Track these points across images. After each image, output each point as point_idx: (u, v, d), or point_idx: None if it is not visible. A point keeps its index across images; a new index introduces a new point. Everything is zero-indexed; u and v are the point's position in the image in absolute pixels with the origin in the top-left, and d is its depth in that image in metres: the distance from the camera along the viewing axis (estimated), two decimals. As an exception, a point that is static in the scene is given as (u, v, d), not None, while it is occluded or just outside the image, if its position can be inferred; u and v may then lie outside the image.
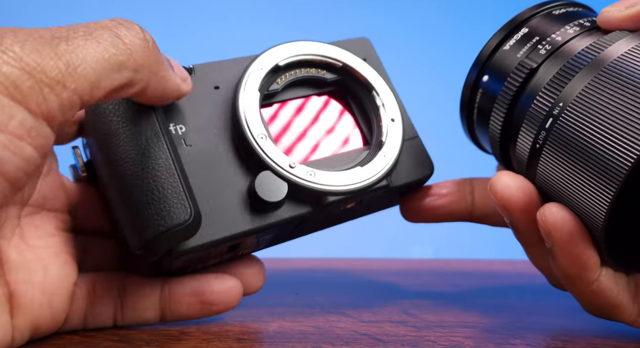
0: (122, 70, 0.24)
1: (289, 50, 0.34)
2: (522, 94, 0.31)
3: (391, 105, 0.36)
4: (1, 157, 0.22)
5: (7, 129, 0.21)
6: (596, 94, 0.26)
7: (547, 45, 0.31)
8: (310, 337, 0.30)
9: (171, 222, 0.27)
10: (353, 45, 0.37)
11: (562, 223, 0.27)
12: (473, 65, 0.34)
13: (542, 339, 0.31)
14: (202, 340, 0.29)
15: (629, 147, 0.24)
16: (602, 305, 0.29)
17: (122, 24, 0.25)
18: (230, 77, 0.33)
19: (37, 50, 0.22)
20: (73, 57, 0.23)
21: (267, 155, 0.31)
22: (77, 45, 0.23)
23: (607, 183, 0.25)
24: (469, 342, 0.30)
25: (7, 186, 0.22)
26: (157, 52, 0.26)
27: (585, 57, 0.28)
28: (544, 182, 0.29)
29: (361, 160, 0.34)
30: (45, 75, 0.22)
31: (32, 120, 0.22)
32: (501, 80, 0.32)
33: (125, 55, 0.24)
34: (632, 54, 0.27)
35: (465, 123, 0.36)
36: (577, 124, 0.27)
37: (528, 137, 0.29)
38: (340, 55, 0.35)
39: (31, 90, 0.22)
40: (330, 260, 0.50)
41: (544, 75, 0.30)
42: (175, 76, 0.28)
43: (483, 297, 0.39)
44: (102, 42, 0.24)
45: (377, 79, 0.36)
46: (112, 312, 0.31)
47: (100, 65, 0.23)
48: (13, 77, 0.21)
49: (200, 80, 0.32)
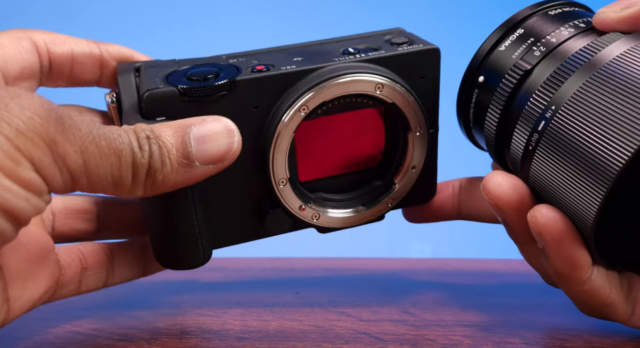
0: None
1: (337, 89, 0.31)
2: (517, 95, 0.31)
3: (420, 150, 0.34)
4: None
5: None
6: (589, 96, 0.26)
7: (541, 47, 0.31)
8: (310, 335, 0.30)
9: (186, 265, 0.32)
10: (417, 58, 0.32)
11: (553, 224, 0.27)
12: (469, 65, 0.34)
13: (540, 338, 0.31)
14: (202, 339, 0.29)
15: (619, 149, 0.24)
16: (595, 304, 0.29)
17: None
18: (271, 98, 0.30)
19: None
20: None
21: (283, 198, 0.32)
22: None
23: (597, 184, 0.25)
24: (468, 340, 0.30)
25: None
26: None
27: (579, 59, 0.28)
28: (537, 182, 0.29)
29: (368, 195, 0.35)
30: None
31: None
32: (496, 81, 0.32)
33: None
34: (625, 57, 0.27)
35: (462, 122, 0.36)
36: (570, 126, 0.27)
37: (522, 137, 0.30)
38: (392, 91, 0.31)
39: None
40: (330, 259, 0.50)
41: (538, 77, 0.30)
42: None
43: (482, 296, 0.39)
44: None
45: (420, 118, 0.33)
46: (104, 275, 0.32)
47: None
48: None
49: (241, 97, 0.30)
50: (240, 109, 0.30)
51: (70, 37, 0.32)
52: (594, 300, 0.29)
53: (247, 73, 0.30)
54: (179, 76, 0.30)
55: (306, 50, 0.33)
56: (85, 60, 0.32)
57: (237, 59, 0.32)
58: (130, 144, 0.24)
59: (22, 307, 0.27)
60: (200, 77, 0.29)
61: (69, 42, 0.32)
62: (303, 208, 0.33)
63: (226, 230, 0.33)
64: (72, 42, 0.32)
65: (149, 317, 0.34)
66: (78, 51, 0.32)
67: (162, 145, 0.25)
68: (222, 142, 0.27)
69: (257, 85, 0.30)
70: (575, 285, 0.28)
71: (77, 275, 0.31)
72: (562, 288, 0.30)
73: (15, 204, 0.21)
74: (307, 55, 0.32)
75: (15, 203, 0.21)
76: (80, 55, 0.32)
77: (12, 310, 0.27)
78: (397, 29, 0.35)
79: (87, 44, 0.33)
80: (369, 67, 0.31)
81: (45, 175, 0.22)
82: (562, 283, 0.29)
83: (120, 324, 0.32)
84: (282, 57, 0.32)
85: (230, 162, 0.27)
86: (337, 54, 0.32)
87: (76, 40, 0.33)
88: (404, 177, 0.35)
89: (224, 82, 0.29)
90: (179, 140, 0.26)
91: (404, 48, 0.32)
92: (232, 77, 0.29)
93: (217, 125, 0.27)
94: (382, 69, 0.32)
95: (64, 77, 0.33)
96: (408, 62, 0.32)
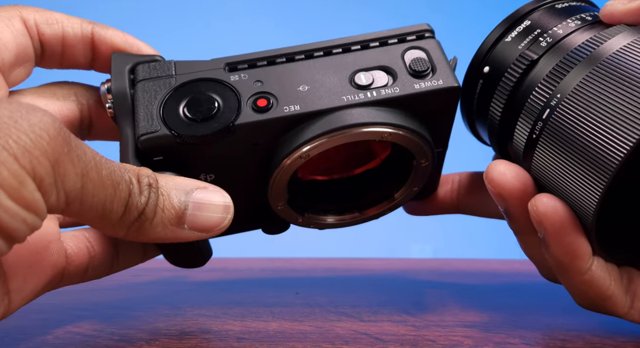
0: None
1: (341, 139, 0.29)
2: (522, 85, 0.31)
3: (422, 176, 0.33)
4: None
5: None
6: (592, 87, 0.27)
7: (548, 38, 0.31)
8: (310, 336, 0.30)
9: (187, 265, 0.32)
10: (435, 96, 0.29)
11: (553, 213, 0.27)
12: (474, 57, 0.34)
13: (541, 338, 0.31)
14: (202, 339, 0.29)
15: (620, 140, 0.24)
16: (594, 296, 0.29)
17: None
18: (272, 138, 0.29)
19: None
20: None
21: (281, 215, 0.33)
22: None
23: (598, 174, 0.25)
24: (469, 341, 0.30)
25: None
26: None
27: (584, 50, 0.28)
28: (539, 172, 0.29)
29: (366, 203, 0.35)
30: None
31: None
32: (502, 71, 0.32)
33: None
34: (628, 49, 0.27)
35: (465, 114, 0.36)
36: (573, 116, 0.27)
37: (525, 127, 0.30)
38: (400, 137, 0.29)
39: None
40: (330, 259, 0.50)
41: (543, 67, 0.30)
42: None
43: (482, 296, 0.39)
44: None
45: (426, 154, 0.31)
46: (110, 261, 0.31)
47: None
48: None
49: (240, 138, 0.28)
50: (239, 147, 0.29)
51: (63, 16, 0.31)
52: (594, 291, 0.29)
53: (247, 111, 0.28)
54: (174, 111, 0.28)
55: (313, 67, 0.30)
56: (77, 43, 0.32)
57: (238, 75, 0.30)
58: (129, 183, 0.24)
59: (23, 298, 0.27)
60: (197, 116, 0.28)
61: (61, 22, 0.31)
62: (300, 221, 0.34)
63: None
64: (65, 22, 0.31)
65: (148, 317, 0.34)
66: (69, 33, 0.31)
67: (161, 199, 0.25)
68: (217, 215, 0.27)
69: (258, 128, 0.28)
70: (575, 276, 0.28)
71: (84, 264, 0.30)
72: (561, 280, 0.30)
73: (11, 225, 0.20)
74: (314, 82, 0.29)
75: (12, 224, 0.20)
76: (72, 38, 0.31)
77: (14, 302, 0.26)
78: (422, 27, 0.31)
79: (80, 24, 0.31)
80: (379, 115, 0.29)
81: (44, 194, 0.21)
82: (561, 274, 0.29)
83: (120, 324, 0.32)
84: (286, 80, 0.29)
85: (213, 236, 0.27)
86: (346, 86, 0.29)
87: (69, 20, 0.31)
88: (404, 194, 0.34)
89: (222, 129, 0.28)
90: (179, 200, 0.26)
91: (421, 85, 0.29)
92: (230, 122, 0.28)
93: (218, 197, 0.27)
94: (392, 116, 0.29)
95: (56, 59, 0.32)
96: (424, 99, 0.29)
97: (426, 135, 0.30)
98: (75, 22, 0.32)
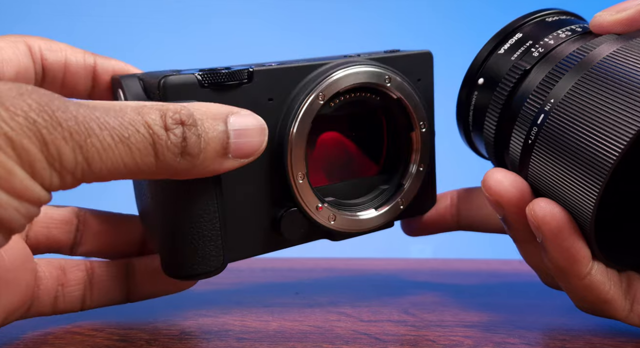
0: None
1: (351, 77, 0.32)
2: (516, 94, 0.32)
3: (425, 151, 0.35)
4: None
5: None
6: (584, 91, 0.27)
7: (540, 48, 0.32)
8: (310, 336, 0.30)
9: (205, 269, 0.29)
10: (413, 60, 0.35)
11: (551, 217, 0.27)
12: (469, 70, 0.35)
13: (541, 338, 0.31)
14: (202, 339, 0.29)
15: (612, 142, 0.25)
16: (594, 300, 0.29)
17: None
18: (286, 90, 0.31)
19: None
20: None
21: (301, 196, 0.32)
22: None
23: (594, 175, 0.25)
24: (469, 341, 0.30)
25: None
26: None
27: (575, 58, 0.29)
28: (536, 178, 0.29)
29: (378, 199, 0.35)
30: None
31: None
32: (496, 82, 0.33)
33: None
34: (616, 55, 0.28)
35: (462, 126, 0.36)
36: (567, 120, 0.27)
37: (521, 134, 0.30)
38: (399, 84, 0.33)
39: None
40: (330, 259, 0.50)
41: (536, 76, 0.31)
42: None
43: (482, 297, 0.39)
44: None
45: (423, 114, 0.35)
46: (82, 294, 0.31)
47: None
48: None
49: (257, 88, 0.30)
50: (257, 100, 0.30)
51: (67, 46, 0.32)
52: (594, 295, 0.29)
53: (261, 67, 0.30)
54: (191, 71, 0.29)
55: (310, 58, 0.34)
56: (79, 70, 0.32)
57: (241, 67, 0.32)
58: (147, 128, 0.23)
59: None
60: (214, 70, 0.29)
61: (64, 51, 0.32)
62: (320, 207, 0.33)
63: (240, 240, 0.32)
64: (68, 51, 0.32)
65: (148, 317, 0.34)
66: (72, 61, 0.32)
67: (203, 133, 0.25)
68: (257, 139, 0.27)
69: (273, 76, 0.31)
70: (575, 280, 0.28)
71: (54, 288, 0.30)
72: (561, 284, 0.30)
73: (4, 216, 0.20)
74: (314, 58, 0.33)
75: (5, 214, 0.20)
76: (74, 65, 0.32)
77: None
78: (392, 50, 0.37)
79: (82, 55, 0.32)
80: (376, 64, 0.33)
81: (40, 179, 0.21)
82: (561, 279, 0.29)
83: (120, 324, 0.32)
84: (289, 61, 0.32)
85: (254, 159, 0.27)
86: (342, 56, 0.34)
87: (72, 50, 0.32)
88: (411, 177, 0.35)
89: (242, 70, 0.29)
90: (219, 130, 0.25)
91: (399, 53, 0.35)
92: (250, 66, 0.30)
93: (253, 120, 0.27)
94: (387, 66, 0.34)
95: (57, 85, 0.32)
96: (405, 64, 0.34)
97: (416, 88, 0.34)
98: (79, 51, 0.32)
